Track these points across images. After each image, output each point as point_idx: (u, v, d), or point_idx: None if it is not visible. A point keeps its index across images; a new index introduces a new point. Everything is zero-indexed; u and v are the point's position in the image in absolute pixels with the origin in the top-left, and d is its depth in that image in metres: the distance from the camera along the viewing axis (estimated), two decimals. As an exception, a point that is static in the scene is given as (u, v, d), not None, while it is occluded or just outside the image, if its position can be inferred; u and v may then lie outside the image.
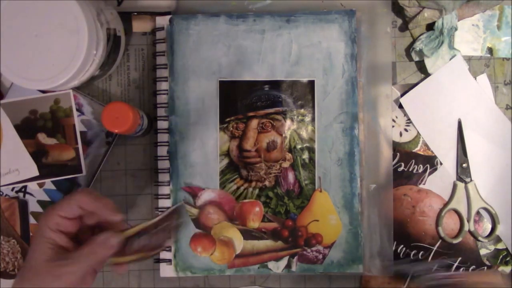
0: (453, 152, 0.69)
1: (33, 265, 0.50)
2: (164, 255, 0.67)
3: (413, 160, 0.69)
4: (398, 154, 0.69)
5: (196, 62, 0.66)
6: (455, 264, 0.69)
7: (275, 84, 0.66)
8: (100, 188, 0.69)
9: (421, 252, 0.69)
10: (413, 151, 0.69)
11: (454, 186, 0.69)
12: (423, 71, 0.69)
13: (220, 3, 0.69)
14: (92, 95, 0.69)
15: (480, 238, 0.68)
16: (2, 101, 0.67)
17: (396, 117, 0.69)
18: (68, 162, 0.67)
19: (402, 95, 0.69)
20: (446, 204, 0.69)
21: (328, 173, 0.66)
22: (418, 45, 0.67)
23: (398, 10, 0.69)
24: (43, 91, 0.67)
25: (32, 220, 0.68)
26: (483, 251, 0.69)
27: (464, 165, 0.68)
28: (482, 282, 0.61)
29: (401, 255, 0.69)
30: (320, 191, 0.66)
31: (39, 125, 0.67)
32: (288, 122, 0.66)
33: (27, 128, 0.67)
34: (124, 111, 0.58)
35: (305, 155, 0.66)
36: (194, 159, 0.66)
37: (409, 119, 0.69)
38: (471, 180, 0.68)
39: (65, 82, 0.58)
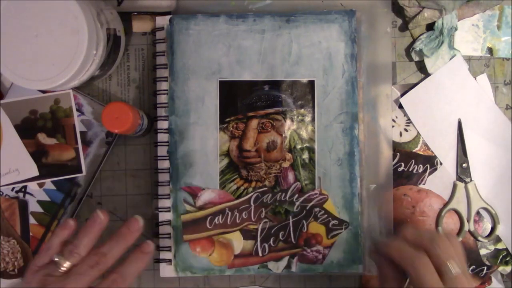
0: (453, 152, 0.69)
1: None
2: (164, 255, 0.67)
3: (413, 160, 0.69)
4: (398, 154, 0.69)
5: (196, 62, 0.66)
6: (455, 264, 0.69)
7: (275, 84, 0.66)
8: (100, 188, 0.69)
9: (421, 252, 0.69)
10: (413, 151, 0.69)
11: (454, 186, 0.69)
12: (423, 71, 0.69)
13: (219, 3, 0.69)
14: (92, 95, 0.69)
15: (480, 238, 0.68)
16: (2, 101, 0.67)
17: (396, 117, 0.69)
18: (68, 162, 0.67)
19: (402, 95, 0.69)
20: (446, 204, 0.69)
21: (328, 173, 0.66)
22: (418, 45, 0.67)
23: (398, 10, 0.68)
24: (43, 91, 0.67)
25: (32, 220, 0.68)
26: (483, 251, 0.69)
27: (464, 165, 0.68)
28: None
29: (401, 255, 0.69)
30: (320, 191, 0.66)
31: (39, 125, 0.67)
32: (288, 122, 0.66)
33: (27, 128, 0.67)
34: (124, 111, 0.58)
35: (305, 155, 0.66)
36: (194, 159, 0.66)
37: (409, 119, 0.69)
38: (471, 180, 0.68)
39: (65, 82, 0.58)
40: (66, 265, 0.54)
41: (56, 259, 0.54)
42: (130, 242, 0.57)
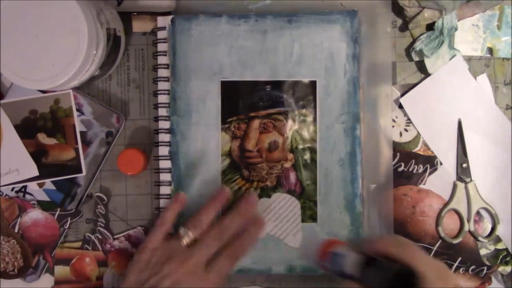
0: (453, 152, 0.69)
1: None
2: (164, 255, 0.67)
3: (413, 160, 0.69)
4: (398, 154, 0.69)
5: (198, 62, 0.66)
6: (455, 264, 0.69)
7: (277, 85, 0.66)
8: (100, 188, 0.69)
9: (421, 252, 0.69)
10: (413, 151, 0.69)
11: (454, 186, 0.69)
12: (423, 71, 0.69)
13: (219, 3, 0.68)
14: (92, 95, 0.69)
15: (480, 238, 0.68)
16: (2, 101, 0.67)
17: (396, 117, 0.69)
18: (68, 162, 0.67)
19: (402, 95, 0.69)
20: (446, 204, 0.69)
21: (330, 173, 0.66)
22: (418, 45, 0.67)
23: (398, 10, 0.68)
24: (43, 91, 0.67)
25: (32, 220, 0.68)
26: (483, 251, 0.69)
27: (464, 165, 0.68)
28: None
29: (401, 255, 0.69)
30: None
31: (39, 125, 0.67)
32: (290, 122, 0.66)
33: (27, 128, 0.67)
34: (137, 156, 0.67)
35: (307, 155, 0.66)
36: (195, 159, 0.66)
37: (409, 119, 0.69)
38: (471, 180, 0.68)
39: (65, 82, 0.58)
40: (189, 238, 0.61)
41: (181, 232, 0.62)
42: (248, 215, 0.64)
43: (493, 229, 0.69)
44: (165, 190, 0.67)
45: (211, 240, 0.61)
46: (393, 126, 0.69)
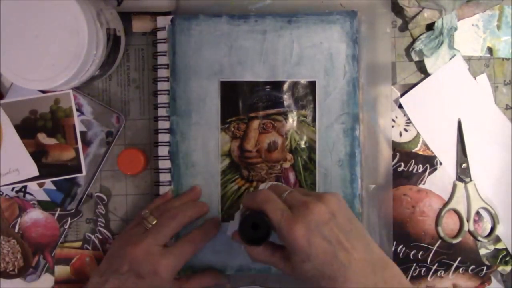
0: (453, 152, 0.69)
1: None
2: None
3: (413, 160, 0.69)
4: (397, 154, 0.69)
5: (198, 63, 0.66)
6: (455, 264, 0.69)
7: (276, 85, 0.66)
8: (100, 188, 0.69)
9: (420, 252, 0.69)
10: (413, 151, 0.69)
11: (454, 186, 0.69)
12: (423, 71, 0.69)
13: (219, 3, 0.68)
14: (92, 95, 0.69)
15: (479, 238, 0.68)
16: (2, 101, 0.67)
17: (396, 117, 0.69)
18: (68, 162, 0.67)
19: (402, 95, 0.69)
20: (445, 204, 0.69)
21: (329, 174, 0.66)
22: (418, 45, 0.67)
23: (398, 10, 0.68)
24: (43, 91, 0.67)
25: (32, 220, 0.68)
26: (482, 251, 0.69)
27: (463, 165, 0.68)
28: None
29: (400, 255, 0.69)
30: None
31: (39, 125, 0.67)
32: (289, 122, 0.66)
33: (27, 128, 0.67)
34: (137, 156, 0.67)
35: (306, 156, 0.66)
36: (195, 159, 0.66)
37: (409, 119, 0.69)
38: (470, 180, 0.69)
39: (65, 82, 0.58)
40: (151, 219, 0.62)
41: (142, 214, 0.63)
42: (204, 210, 0.66)
43: (492, 229, 0.69)
44: (165, 190, 0.67)
45: (163, 218, 0.62)
46: (392, 126, 0.69)
